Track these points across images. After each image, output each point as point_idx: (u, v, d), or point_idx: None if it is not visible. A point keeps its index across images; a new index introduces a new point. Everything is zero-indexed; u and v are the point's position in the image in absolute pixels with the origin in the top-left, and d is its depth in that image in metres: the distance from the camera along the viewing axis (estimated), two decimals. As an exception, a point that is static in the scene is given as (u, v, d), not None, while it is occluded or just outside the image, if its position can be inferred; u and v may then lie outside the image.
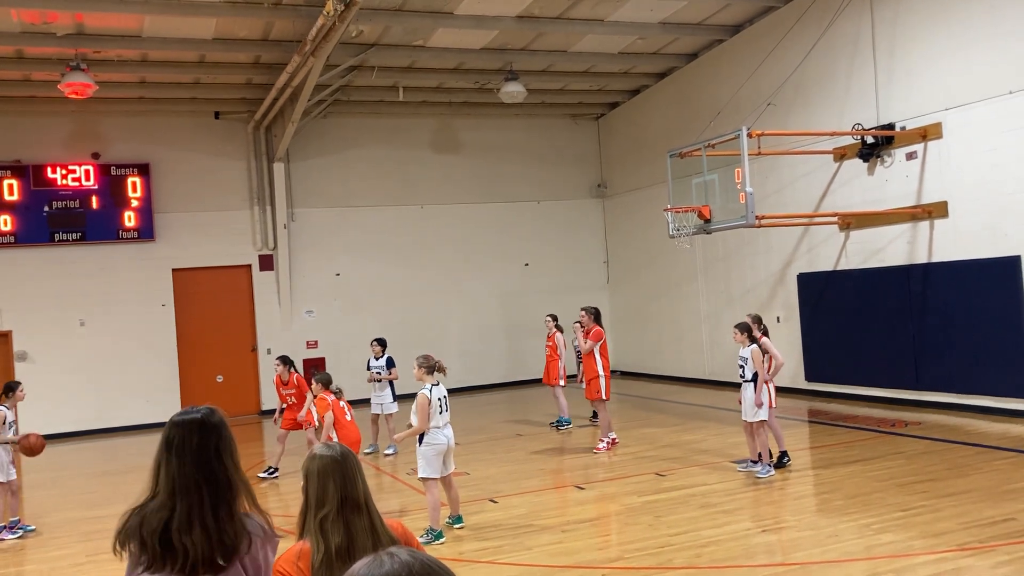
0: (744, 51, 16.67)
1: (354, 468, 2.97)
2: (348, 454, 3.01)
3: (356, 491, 2.91)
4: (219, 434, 2.90)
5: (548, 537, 8.03)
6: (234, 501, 2.85)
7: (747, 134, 12.45)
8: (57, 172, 17.74)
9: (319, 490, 2.90)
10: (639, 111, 20.77)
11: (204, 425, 2.89)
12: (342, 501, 2.88)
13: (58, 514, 10.80)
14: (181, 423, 2.89)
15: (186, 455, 2.82)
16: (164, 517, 2.74)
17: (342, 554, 2.81)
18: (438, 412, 8.17)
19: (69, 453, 16.14)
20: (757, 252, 16.91)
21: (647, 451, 12.11)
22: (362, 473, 3.01)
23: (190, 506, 2.77)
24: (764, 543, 7.51)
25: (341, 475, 2.92)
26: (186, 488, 2.78)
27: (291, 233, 19.47)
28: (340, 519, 2.85)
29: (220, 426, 2.92)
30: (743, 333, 9.99)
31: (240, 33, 15.06)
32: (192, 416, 2.92)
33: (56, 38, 14.35)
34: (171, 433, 2.88)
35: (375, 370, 13.40)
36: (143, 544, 2.73)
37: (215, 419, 2.93)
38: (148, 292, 18.41)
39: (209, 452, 2.85)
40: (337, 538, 2.83)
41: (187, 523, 2.74)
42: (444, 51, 16.75)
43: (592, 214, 22.36)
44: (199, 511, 2.77)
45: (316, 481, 2.92)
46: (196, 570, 2.74)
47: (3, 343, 17.56)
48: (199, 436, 2.86)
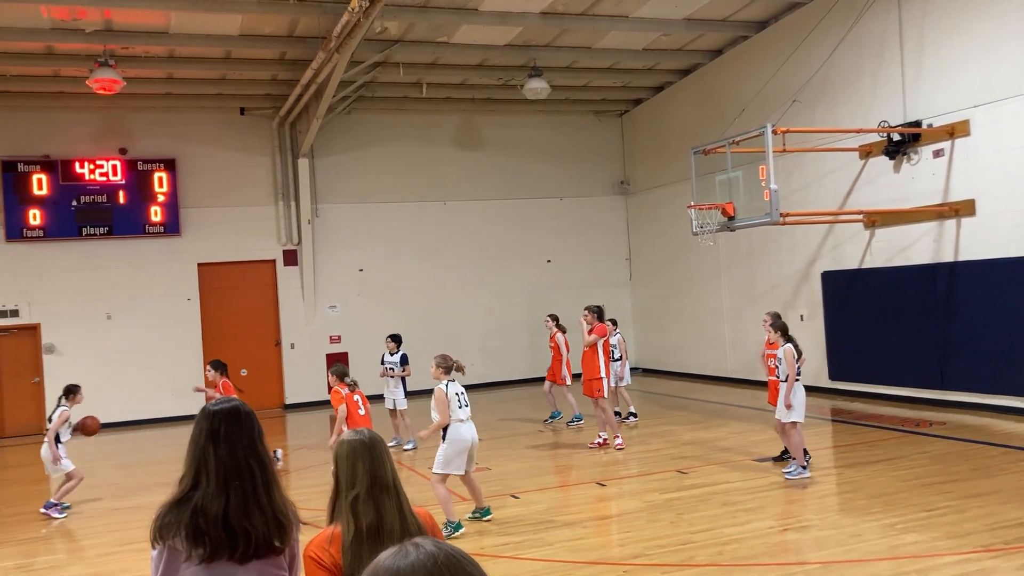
0: (769, 48, 16.57)
1: (383, 451, 3.04)
2: (377, 438, 3.09)
3: (385, 472, 2.99)
4: (254, 421, 2.99)
5: (569, 533, 8.04)
6: (279, 484, 2.94)
7: (772, 131, 12.38)
8: (85, 167, 17.95)
9: (349, 472, 2.98)
10: (663, 108, 20.70)
11: (246, 413, 2.99)
12: (372, 482, 2.95)
13: (85, 504, 10.95)
14: (223, 412, 2.96)
15: (234, 442, 2.89)
16: (222, 504, 2.79)
17: (372, 533, 2.88)
18: (458, 406, 8.19)
19: (96, 445, 16.31)
20: (781, 250, 16.81)
21: (668, 448, 12.09)
22: (390, 457, 3.08)
23: (244, 491, 2.84)
24: (786, 541, 7.49)
25: (370, 457, 2.99)
26: (238, 474, 2.85)
27: (315, 228, 19.58)
28: (370, 499, 2.93)
29: (253, 414, 3.02)
30: (777, 332, 9.84)
31: (265, 29, 15.15)
32: (232, 405, 3.00)
33: (85, 34, 14.51)
34: (215, 422, 2.93)
35: (388, 366, 13.52)
36: (199, 534, 2.76)
37: (248, 408, 3.03)
38: (174, 286, 18.60)
39: (254, 438, 2.94)
40: (368, 517, 2.90)
41: (244, 508, 2.82)
42: (468, 47, 16.78)
43: (615, 211, 22.31)
44: (254, 495, 2.85)
45: (346, 463, 3.00)
46: (256, 554, 2.80)
47: (32, 336, 17.80)
48: (244, 424, 2.95)
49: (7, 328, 17.69)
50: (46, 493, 12.62)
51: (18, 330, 17.73)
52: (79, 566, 8.12)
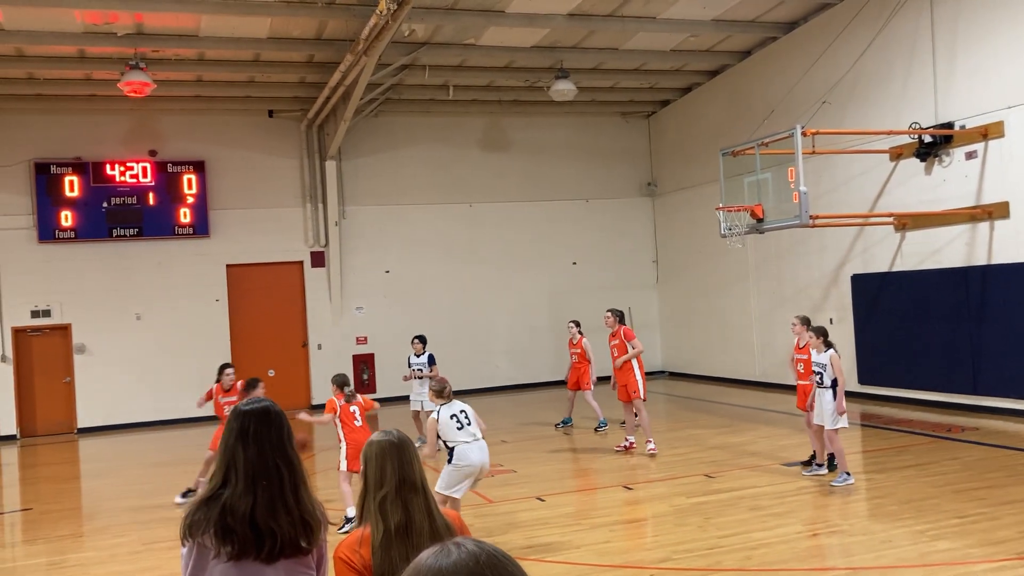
0: (798, 49, 16.43)
1: (411, 451, 3.06)
2: (405, 439, 3.11)
3: (413, 473, 3.01)
4: (283, 422, 3.01)
5: (596, 536, 8.01)
6: (306, 484, 2.95)
7: (801, 132, 12.27)
8: (116, 169, 18.16)
9: (378, 472, 3.00)
10: (690, 109, 20.59)
11: (276, 413, 3.00)
12: (400, 482, 2.97)
13: (115, 503, 11.06)
14: (253, 412, 2.98)
15: (263, 442, 2.91)
16: (250, 503, 2.81)
17: (401, 533, 2.89)
18: (456, 428, 7.64)
19: (125, 444, 16.53)
20: (810, 252, 16.66)
21: (695, 452, 12.01)
22: (418, 458, 3.10)
23: (271, 491, 2.86)
24: (815, 547, 7.41)
25: (398, 457, 3.01)
26: (266, 473, 2.87)
27: (342, 230, 19.67)
28: (399, 499, 2.94)
29: (283, 415, 3.03)
30: (819, 337, 9.59)
31: (294, 32, 15.25)
32: (263, 405, 3.02)
33: (116, 38, 14.68)
34: (244, 422, 2.95)
35: (416, 367, 13.42)
36: (227, 532, 2.78)
37: (278, 408, 3.05)
38: (202, 287, 18.76)
39: (283, 438, 2.96)
40: (396, 517, 2.91)
41: (270, 507, 2.83)
42: (495, 49, 16.79)
43: (642, 213, 22.23)
44: (281, 495, 2.86)
45: (375, 464, 3.02)
46: (283, 553, 2.82)
47: (63, 336, 18.02)
48: (274, 424, 2.97)
49: (39, 328, 17.93)
50: (77, 491, 12.79)
51: (50, 330, 17.97)
52: (110, 564, 8.20)
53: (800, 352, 10.24)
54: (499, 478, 10.80)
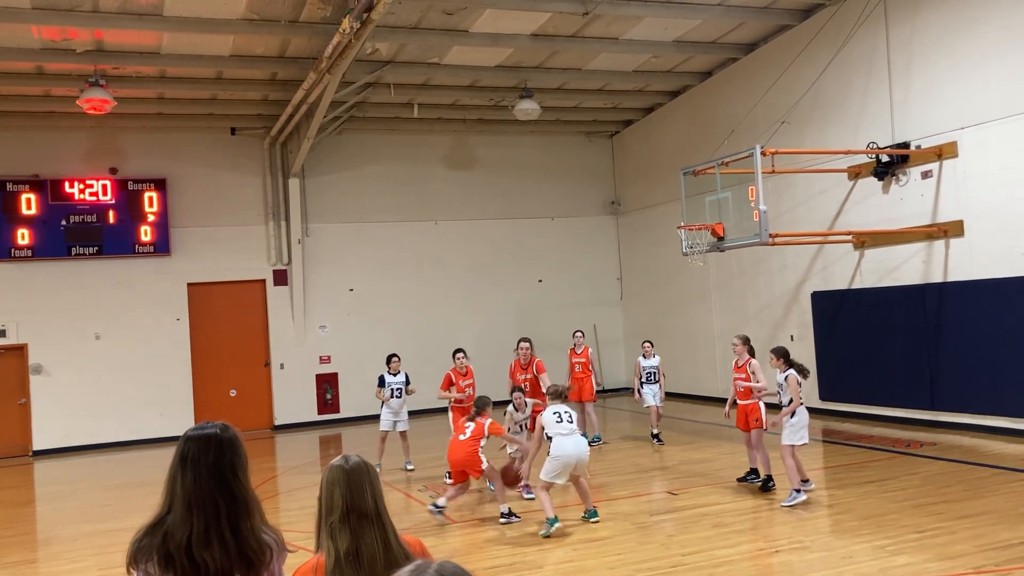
0: (758, 69, 16.69)
1: (362, 479, 2.99)
2: (358, 466, 3.03)
3: (364, 500, 2.96)
4: (234, 450, 2.92)
5: (560, 555, 7.99)
6: (251, 516, 2.87)
7: (761, 152, 12.44)
8: (75, 187, 17.89)
9: (327, 498, 2.98)
10: (653, 129, 20.80)
11: (219, 441, 2.91)
12: (348, 509, 2.93)
13: (72, 527, 10.83)
14: (196, 438, 2.90)
15: (202, 470, 2.84)
16: (187, 532, 2.76)
17: (351, 559, 2.86)
18: (556, 421, 8.85)
19: (83, 466, 16.21)
20: (771, 270, 16.86)
21: (659, 469, 12.05)
22: (374, 485, 3.02)
23: (207, 521, 2.78)
24: (778, 563, 7.45)
25: (347, 484, 2.97)
26: (202, 503, 2.80)
27: (305, 248, 19.55)
28: (346, 526, 2.91)
29: (234, 442, 2.94)
30: (779, 358, 9.58)
31: (257, 50, 15.19)
32: (207, 432, 2.93)
33: (76, 54, 14.50)
34: (186, 448, 2.88)
35: (395, 387, 12.98)
36: (169, 560, 2.73)
37: (229, 435, 2.95)
38: (163, 306, 18.52)
39: (224, 468, 2.87)
40: (344, 544, 2.88)
41: (205, 538, 2.76)
42: (459, 68, 16.84)
43: (606, 231, 22.36)
44: (216, 526, 2.78)
45: (326, 490, 3.00)
46: None
47: (19, 356, 17.67)
48: (215, 452, 2.88)
49: (-6, 348, 17.56)
50: (32, 516, 12.51)
51: (4, 351, 17.61)
52: (64, 590, 8.03)
53: (738, 371, 10.26)
54: (463, 497, 10.75)
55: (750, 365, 10.13)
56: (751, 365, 10.13)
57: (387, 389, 13.01)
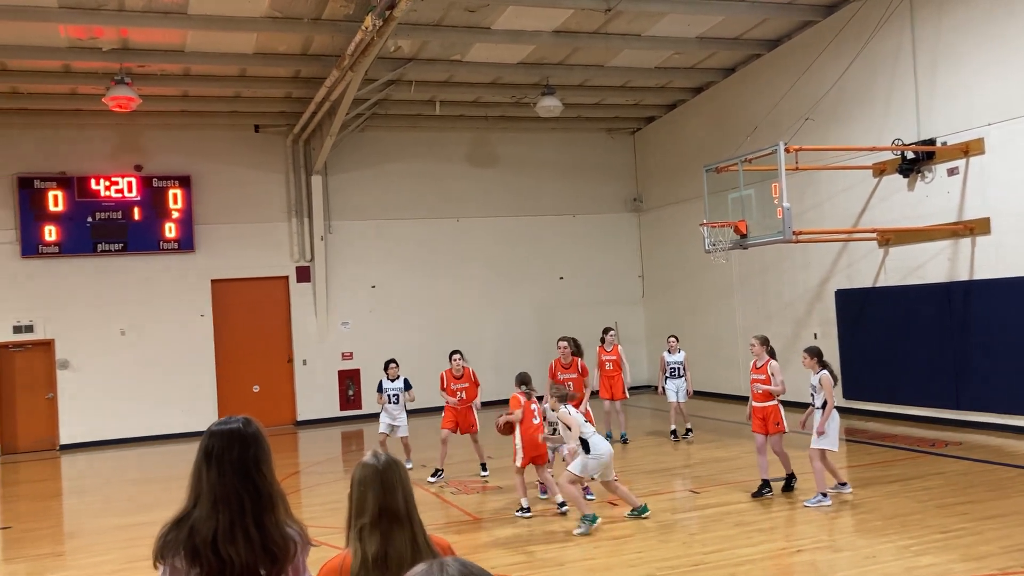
0: (782, 66, 16.57)
1: (394, 478, 2.95)
2: (391, 464, 2.99)
3: (395, 501, 2.91)
4: (257, 444, 2.92)
5: (581, 552, 7.99)
6: (275, 511, 2.88)
7: (785, 149, 12.37)
8: (101, 184, 18.08)
9: (359, 499, 2.93)
10: (675, 125, 20.72)
11: (243, 436, 2.92)
12: (380, 511, 2.88)
13: (98, 521, 10.96)
14: (220, 434, 2.91)
15: (226, 466, 2.85)
16: (212, 527, 2.77)
17: (378, 563, 2.83)
18: (583, 422, 8.96)
19: (108, 460, 16.39)
20: (795, 268, 16.75)
21: (681, 467, 12.02)
22: (405, 484, 2.98)
23: (232, 517, 2.80)
24: (800, 563, 7.41)
25: (380, 485, 2.92)
26: (227, 499, 2.81)
27: (328, 245, 19.65)
28: (377, 529, 2.87)
29: (258, 436, 2.95)
30: (813, 358, 9.36)
31: (280, 48, 15.27)
32: (231, 426, 2.94)
33: (102, 53, 14.64)
34: (210, 443, 2.90)
35: (391, 392, 12.79)
36: (196, 554, 2.75)
37: (252, 429, 2.96)
38: (187, 302, 18.67)
39: (248, 463, 2.88)
40: (373, 547, 2.84)
41: (230, 533, 2.78)
42: (481, 65, 16.85)
43: (627, 228, 22.31)
44: (241, 521, 2.80)
45: (357, 490, 2.94)
46: None
47: (46, 351, 17.89)
48: (239, 447, 2.89)
49: (22, 344, 17.79)
50: (59, 509, 12.65)
51: (32, 345, 17.83)
52: (90, 583, 8.13)
53: (757, 372, 9.90)
54: (485, 495, 10.78)
55: (769, 366, 9.82)
56: (770, 367, 9.81)
57: (384, 395, 12.82)
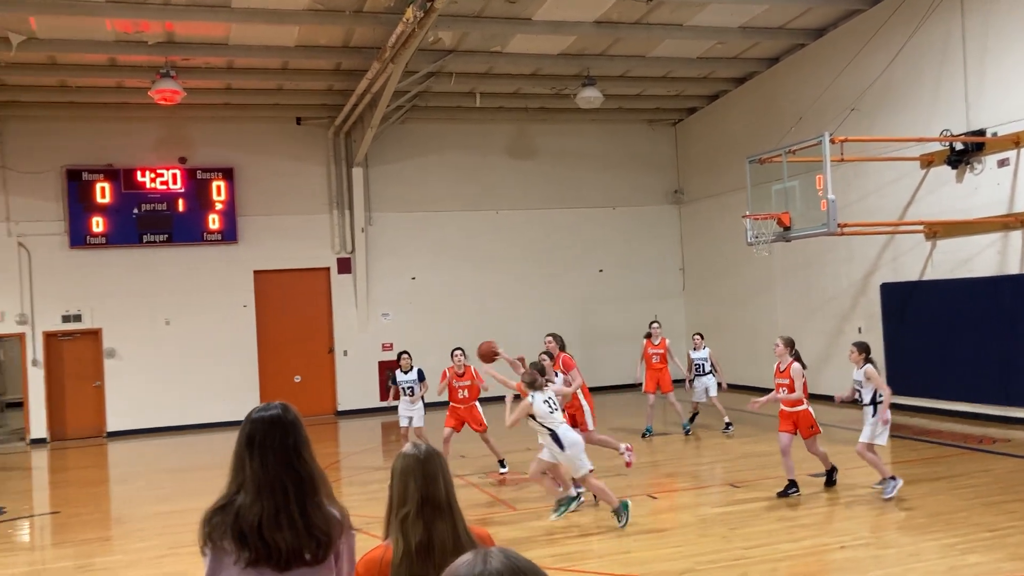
0: (827, 55, 16.31)
1: (436, 469, 2.95)
2: (432, 454, 3.00)
3: (438, 491, 2.91)
4: (297, 430, 2.95)
5: (618, 545, 7.96)
6: (317, 495, 2.90)
7: (830, 140, 12.18)
8: (146, 176, 18.36)
9: (401, 489, 2.93)
10: (718, 116, 20.50)
11: (284, 422, 2.94)
12: (422, 500, 2.88)
13: (143, 507, 11.15)
14: (260, 420, 2.94)
15: (268, 453, 2.87)
16: (258, 513, 2.80)
17: (421, 552, 2.82)
18: (550, 411, 8.62)
19: (153, 448, 16.68)
20: (838, 261, 16.50)
21: (721, 461, 11.92)
22: (446, 474, 2.98)
23: (276, 504, 2.82)
24: (843, 559, 7.31)
25: (422, 475, 2.92)
26: (271, 485, 2.84)
27: (368, 237, 19.76)
28: (420, 518, 2.86)
29: (296, 422, 2.97)
30: (861, 353, 9.09)
31: (322, 40, 15.36)
32: (272, 413, 2.96)
33: (147, 46, 14.85)
34: (252, 430, 2.92)
35: (405, 385, 12.78)
36: (243, 539, 2.78)
37: (291, 416, 2.98)
38: (230, 293, 18.91)
39: (289, 449, 2.90)
40: (417, 536, 2.84)
41: (275, 520, 2.80)
42: (521, 57, 16.81)
43: (668, 220, 22.14)
44: (285, 508, 2.82)
45: (399, 480, 2.95)
46: (290, 565, 2.81)
47: (94, 340, 18.24)
48: (280, 434, 2.91)
49: (70, 333, 18.15)
50: (106, 495, 12.90)
51: (81, 335, 18.19)
52: (136, 568, 8.26)
53: (780, 376, 9.64)
54: (522, 485, 10.79)
55: (792, 370, 9.45)
56: (793, 370, 9.44)
57: (399, 387, 12.83)
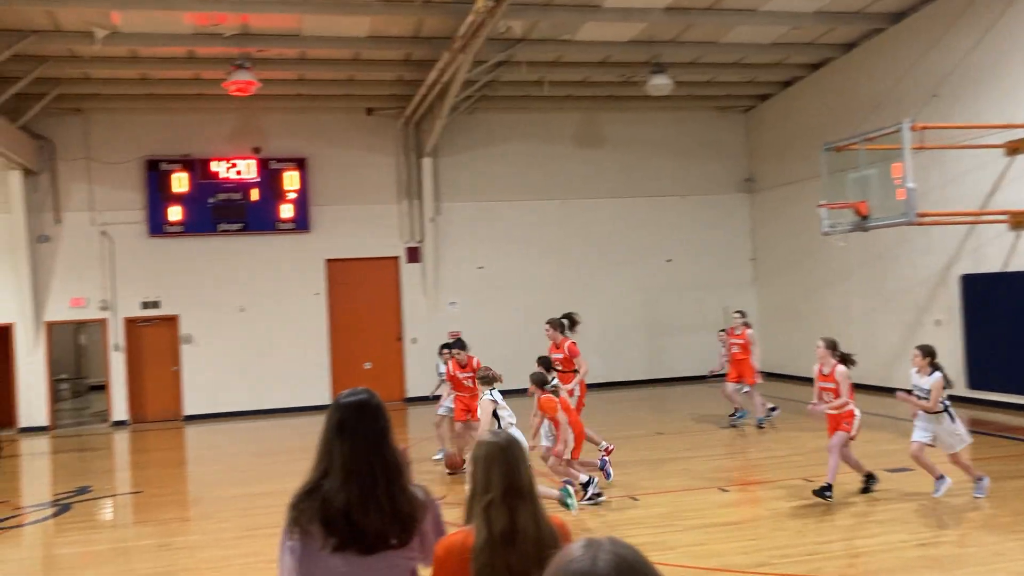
0: (907, 40, 15.84)
1: (518, 456, 2.98)
2: (514, 441, 3.04)
3: (520, 478, 2.94)
4: (383, 416, 3.00)
5: (690, 538, 7.90)
6: (403, 478, 2.95)
7: (909, 127, 11.84)
8: (221, 166, 18.77)
9: (484, 476, 2.95)
10: (791, 103, 20.09)
11: (371, 407, 3.00)
12: (507, 488, 2.91)
13: (219, 489, 11.45)
14: (349, 406, 2.99)
15: (358, 437, 2.92)
16: (344, 498, 2.84)
17: (505, 539, 2.84)
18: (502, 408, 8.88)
19: (227, 432, 17.09)
20: (916, 251, 16.05)
21: (794, 455, 11.73)
22: (527, 462, 3.02)
23: (364, 487, 2.86)
24: (922, 557, 7.13)
25: (505, 462, 2.95)
26: (359, 470, 2.88)
27: (437, 226, 19.89)
28: (504, 505, 2.89)
29: (382, 407, 3.03)
30: (925, 357, 8.57)
31: (393, 31, 15.47)
32: (360, 398, 3.01)
33: (223, 38, 15.14)
34: (342, 415, 2.97)
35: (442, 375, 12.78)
36: (331, 523, 2.83)
37: (377, 401, 3.04)
38: (303, 281, 19.24)
39: (378, 433, 2.96)
40: (500, 523, 2.86)
41: (362, 504, 2.85)
42: (591, 44, 16.70)
43: (739, 209, 21.80)
44: (373, 492, 2.87)
45: (482, 467, 2.97)
46: (376, 549, 2.85)
47: (171, 326, 18.75)
48: (369, 418, 2.97)
49: (149, 319, 18.70)
50: (183, 477, 13.28)
51: (158, 321, 18.72)
52: (215, 548, 8.49)
53: (824, 380, 9.21)
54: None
55: (837, 373, 9.00)
56: (838, 373, 8.99)
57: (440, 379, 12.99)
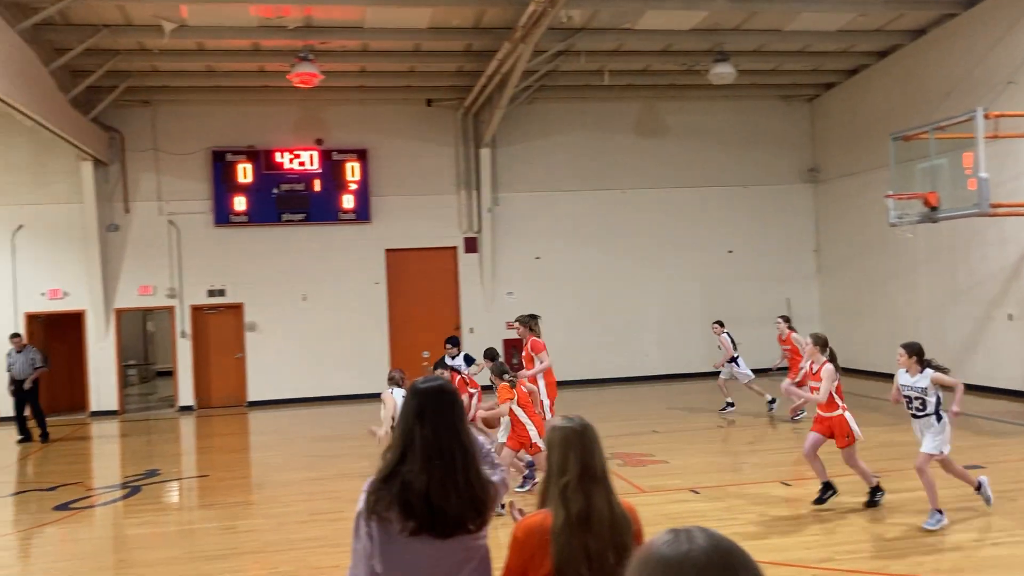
0: (980, 25, 15.36)
1: (592, 440, 3.06)
2: (587, 426, 3.10)
3: (595, 461, 3.01)
4: (458, 400, 3.08)
5: (753, 531, 7.81)
6: (478, 463, 3.01)
7: (983, 115, 11.49)
8: (284, 157, 19.07)
9: (560, 459, 3.02)
10: (857, 92, 19.65)
11: (448, 392, 3.07)
12: (582, 471, 2.98)
13: (282, 474, 11.65)
14: (428, 392, 3.06)
15: (439, 422, 2.98)
16: (425, 481, 2.89)
17: (582, 521, 2.91)
18: None
19: (289, 418, 17.40)
20: (988, 243, 15.60)
21: (859, 450, 11.49)
22: (600, 446, 3.08)
23: (443, 471, 2.92)
24: (994, 556, 6.95)
25: (581, 445, 3.02)
26: (440, 453, 2.94)
27: (495, 217, 19.93)
28: (580, 488, 2.95)
29: (457, 393, 3.10)
30: (911, 356, 8.11)
31: (453, 22, 15.51)
32: (438, 384, 3.09)
33: (287, 31, 15.35)
34: (422, 401, 3.03)
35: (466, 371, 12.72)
36: (409, 508, 2.87)
37: (452, 388, 3.12)
38: (363, 271, 19.47)
39: (455, 419, 3.02)
40: (577, 505, 2.93)
41: (442, 487, 2.90)
42: (652, 33, 16.53)
43: (802, 200, 21.42)
44: (452, 475, 2.92)
45: (558, 451, 3.04)
46: (453, 533, 2.90)
47: (236, 314, 19.13)
48: (447, 405, 3.03)
49: (215, 306, 19.11)
50: (247, 461, 13.55)
51: (224, 308, 19.11)
52: (279, 532, 8.64)
53: (815, 379, 8.85)
54: (651, 468, 10.72)
55: (824, 371, 8.60)
56: (824, 371, 8.59)
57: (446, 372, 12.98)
